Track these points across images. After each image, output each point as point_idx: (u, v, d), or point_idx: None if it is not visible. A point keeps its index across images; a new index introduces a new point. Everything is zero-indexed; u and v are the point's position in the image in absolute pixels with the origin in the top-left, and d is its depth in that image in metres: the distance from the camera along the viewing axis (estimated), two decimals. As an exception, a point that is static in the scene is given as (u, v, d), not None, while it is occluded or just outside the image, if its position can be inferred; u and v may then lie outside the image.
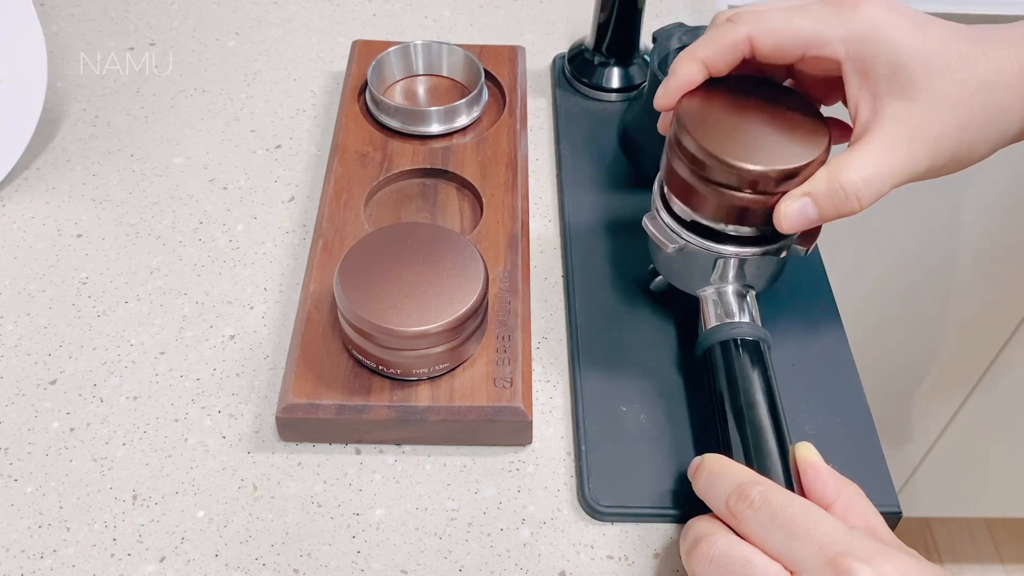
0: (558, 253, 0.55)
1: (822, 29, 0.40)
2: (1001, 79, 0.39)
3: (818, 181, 0.40)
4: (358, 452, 0.46)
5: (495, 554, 0.42)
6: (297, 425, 0.45)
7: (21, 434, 0.46)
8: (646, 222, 0.47)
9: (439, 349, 0.44)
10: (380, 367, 0.44)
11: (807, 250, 0.45)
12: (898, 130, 0.39)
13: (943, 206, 0.93)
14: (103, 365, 0.49)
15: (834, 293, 0.52)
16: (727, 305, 0.45)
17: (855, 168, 0.39)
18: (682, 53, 0.43)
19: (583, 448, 0.45)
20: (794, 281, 0.52)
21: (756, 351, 0.44)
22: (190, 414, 0.47)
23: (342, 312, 0.44)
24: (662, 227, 0.46)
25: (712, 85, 0.43)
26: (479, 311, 0.45)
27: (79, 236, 0.55)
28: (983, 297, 1.02)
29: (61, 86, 0.65)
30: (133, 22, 0.70)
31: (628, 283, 0.52)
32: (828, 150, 0.42)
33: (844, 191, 0.39)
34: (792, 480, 0.39)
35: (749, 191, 0.41)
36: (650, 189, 0.48)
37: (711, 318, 0.45)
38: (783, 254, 0.46)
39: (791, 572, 0.34)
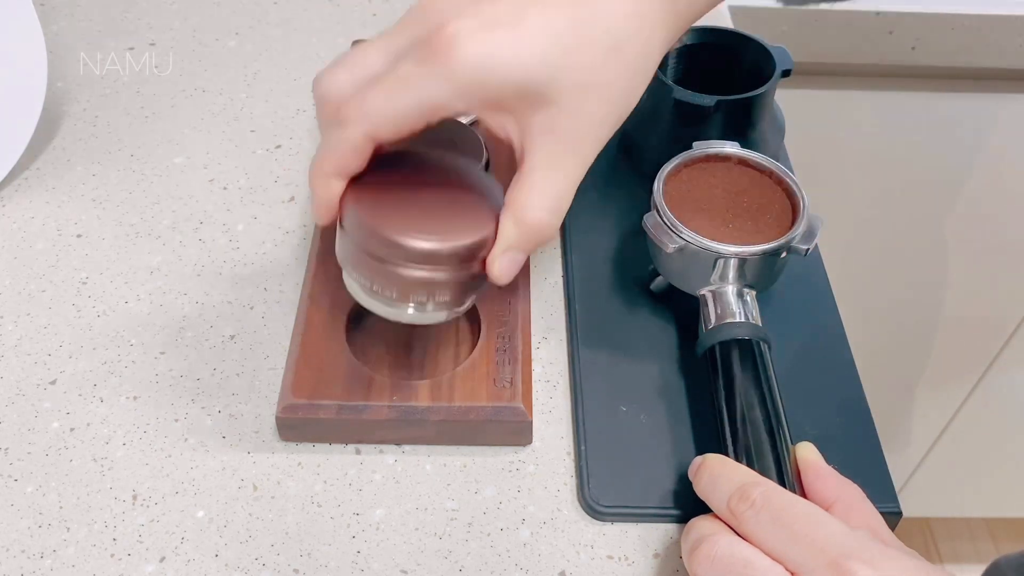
0: (558, 253, 0.55)
1: (428, 97, 0.36)
2: (627, 27, 0.37)
3: (510, 233, 0.38)
4: (358, 452, 0.46)
5: (495, 554, 0.42)
6: (297, 425, 0.45)
7: (21, 434, 0.46)
8: (646, 222, 0.47)
9: (443, 276, 0.39)
10: (375, 287, 0.40)
11: (807, 250, 0.45)
12: (552, 143, 0.37)
13: (943, 206, 0.93)
14: (103, 365, 0.49)
15: (834, 293, 0.52)
16: (727, 305, 0.45)
17: (534, 205, 0.38)
18: (311, 169, 0.39)
19: (583, 448, 0.45)
20: (794, 281, 0.52)
21: (756, 351, 0.44)
22: (190, 414, 0.47)
23: (346, 227, 0.40)
24: (662, 227, 0.46)
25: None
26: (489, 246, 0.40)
27: (79, 236, 0.55)
28: (983, 297, 1.02)
29: (61, 86, 0.65)
30: (133, 22, 0.70)
31: (628, 283, 0.52)
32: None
33: (537, 231, 0.38)
34: (792, 480, 0.40)
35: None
36: (650, 189, 0.48)
37: (711, 318, 0.45)
38: (783, 254, 0.46)
39: (792, 574, 0.34)
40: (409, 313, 0.40)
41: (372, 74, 0.37)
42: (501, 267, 0.39)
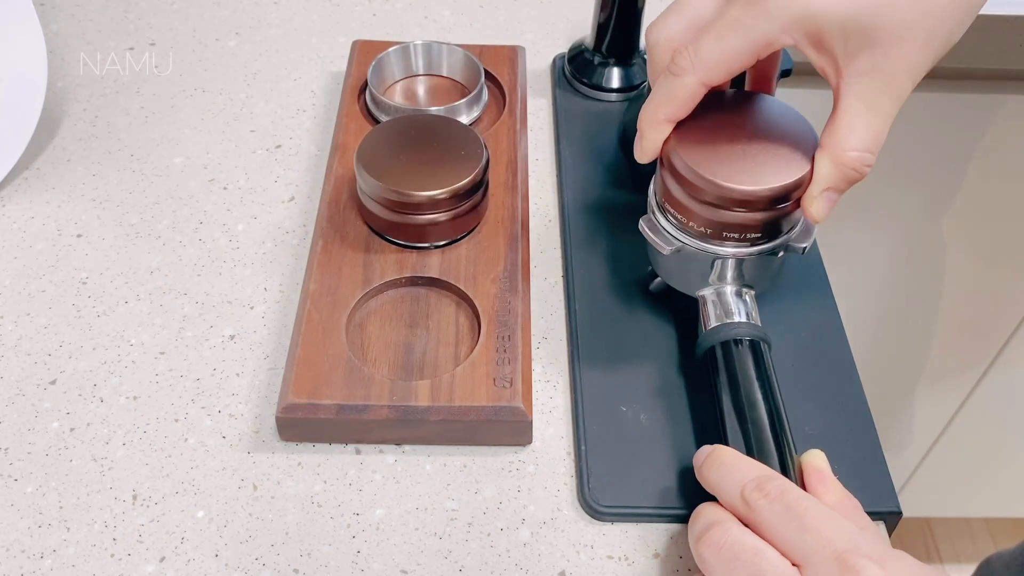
0: (558, 253, 0.55)
1: (759, 34, 0.38)
2: None
3: (826, 171, 0.40)
4: (358, 452, 0.46)
5: (495, 554, 0.42)
6: (297, 425, 0.45)
7: (21, 434, 0.46)
8: (642, 225, 0.46)
9: (758, 216, 0.42)
10: (691, 224, 0.44)
11: (804, 248, 0.45)
12: (871, 84, 0.39)
13: (943, 206, 0.93)
14: (103, 365, 0.49)
15: (834, 293, 0.52)
16: (726, 305, 0.45)
17: (851, 140, 0.39)
18: (644, 113, 0.42)
19: (583, 448, 0.45)
20: (794, 281, 0.52)
21: (756, 351, 0.44)
22: (190, 414, 0.47)
23: (667, 167, 0.43)
24: (658, 229, 0.46)
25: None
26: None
27: (79, 236, 0.55)
28: (983, 297, 1.02)
29: (61, 86, 0.65)
30: (133, 22, 0.70)
31: (628, 283, 0.52)
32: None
33: (854, 168, 0.40)
34: (797, 481, 0.40)
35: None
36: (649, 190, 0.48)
37: (711, 318, 0.45)
38: (780, 254, 0.45)
39: (797, 565, 0.34)
40: (722, 250, 0.43)
41: (701, 17, 0.40)
42: (818, 207, 0.41)
